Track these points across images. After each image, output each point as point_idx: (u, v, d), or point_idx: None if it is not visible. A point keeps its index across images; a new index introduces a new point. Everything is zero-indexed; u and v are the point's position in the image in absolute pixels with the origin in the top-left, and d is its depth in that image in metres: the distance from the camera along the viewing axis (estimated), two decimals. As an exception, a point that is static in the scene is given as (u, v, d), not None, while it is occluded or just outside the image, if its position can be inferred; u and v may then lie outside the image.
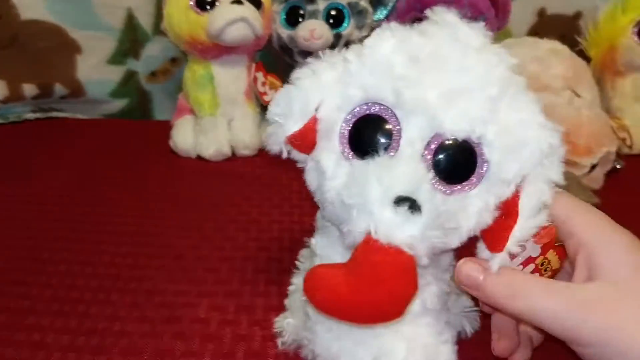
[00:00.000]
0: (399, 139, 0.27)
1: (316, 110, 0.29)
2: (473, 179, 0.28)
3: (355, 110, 0.29)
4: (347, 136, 0.29)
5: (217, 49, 0.64)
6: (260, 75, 0.67)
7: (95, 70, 0.73)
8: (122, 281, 0.42)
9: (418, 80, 0.27)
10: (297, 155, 0.31)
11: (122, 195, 0.56)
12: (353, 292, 0.25)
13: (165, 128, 0.68)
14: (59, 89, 0.72)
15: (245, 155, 0.66)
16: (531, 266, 0.30)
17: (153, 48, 0.75)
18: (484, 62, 0.27)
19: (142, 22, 0.73)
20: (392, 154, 0.27)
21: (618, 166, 0.61)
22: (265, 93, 0.66)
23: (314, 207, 0.31)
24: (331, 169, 0.28)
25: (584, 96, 0.54)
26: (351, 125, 0.29)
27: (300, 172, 0.31)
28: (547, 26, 0.83)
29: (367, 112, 0.28)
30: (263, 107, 0.67)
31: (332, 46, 0.66)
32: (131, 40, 0.73)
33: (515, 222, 0.28)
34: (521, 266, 0.29)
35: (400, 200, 0.25)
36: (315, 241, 0.33)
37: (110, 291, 0.41)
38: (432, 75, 0.27)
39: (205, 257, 0.46)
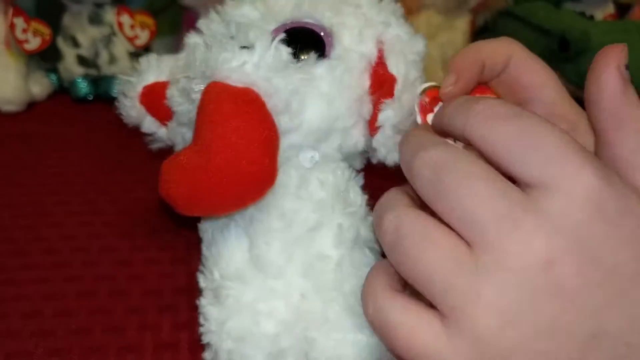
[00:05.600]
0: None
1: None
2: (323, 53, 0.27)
3: None
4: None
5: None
6: (19, 21, 0.60)
7: None
8: None
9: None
10: (151, 124, 0.30)
11: None
12: (202, 158, 0.22)
13: None
14: None
15: (10, 111, 0.60)
16: None
17: None
18: None
19: None
20: None
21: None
22: (26, 40, 0.60)
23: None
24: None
25: None
26: None
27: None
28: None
29: None
30: (33, 58, 0.61)
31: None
32: None
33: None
34: None
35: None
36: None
37: None
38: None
39: None
